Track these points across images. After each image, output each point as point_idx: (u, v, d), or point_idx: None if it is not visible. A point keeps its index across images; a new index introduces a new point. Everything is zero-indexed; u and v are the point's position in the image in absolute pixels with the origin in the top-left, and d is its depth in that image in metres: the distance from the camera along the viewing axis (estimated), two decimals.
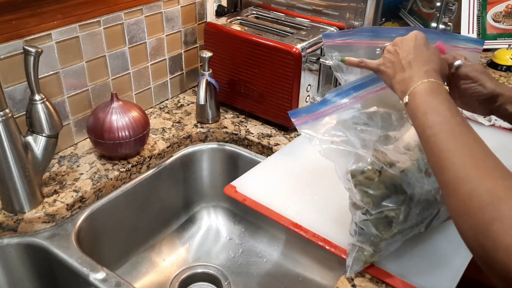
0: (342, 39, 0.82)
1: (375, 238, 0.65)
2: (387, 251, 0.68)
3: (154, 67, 1.09)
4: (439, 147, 0.53)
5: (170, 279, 0.99)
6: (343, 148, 0.66)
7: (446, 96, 0.58)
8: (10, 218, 0.78)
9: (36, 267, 0.82)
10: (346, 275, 0.68)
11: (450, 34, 0.80)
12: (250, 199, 0.81)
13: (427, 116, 0.56)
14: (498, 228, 0.43)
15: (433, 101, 0.57)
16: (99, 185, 0.87)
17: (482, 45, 0.77)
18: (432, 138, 0.54)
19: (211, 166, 1.09)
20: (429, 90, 0.58)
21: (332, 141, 0.66)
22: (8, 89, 0.82)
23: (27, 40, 0.82)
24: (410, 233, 0.68)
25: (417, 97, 0.58)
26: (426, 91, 0.58)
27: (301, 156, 0.93)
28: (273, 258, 1.04)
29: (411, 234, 0.69)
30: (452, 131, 0.53)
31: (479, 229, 0.45)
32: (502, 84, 0.70)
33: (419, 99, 0.58)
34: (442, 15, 1.16)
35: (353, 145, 0.66)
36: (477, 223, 0.45)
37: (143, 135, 0.91)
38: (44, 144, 0.77)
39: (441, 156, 0.52)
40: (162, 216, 1.05)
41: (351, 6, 1.01)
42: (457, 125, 0.54)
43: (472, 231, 0.46)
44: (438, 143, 0.53)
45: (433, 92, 0.58)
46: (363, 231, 0.66)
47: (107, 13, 0.93)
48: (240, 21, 1.09)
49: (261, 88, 1.02)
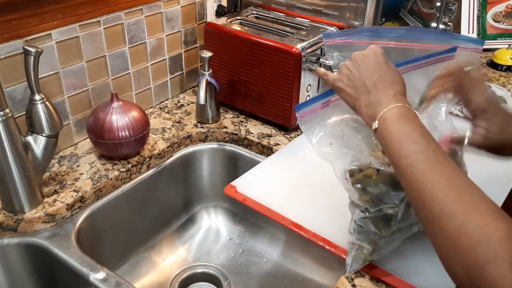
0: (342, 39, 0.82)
1: (374, 236, 0.65)
2: (386, 250, 0.68)
3: (154, 67, 1.09)
4: (418, 179, 0.50)
5: (170, 279, 0.99)
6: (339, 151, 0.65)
7: (418, 122, 0.55)
8: (10, 218, 0.78)
9: (36, 267, 0.82)
10: (345, 274, 0.68)
11: (450, 34, 0.80)
12: (250, 199, 0.81)
13: (402, 144, 0.53)
14: (494, 271, 0.41)
15: (406, 127, 0.54)
16: (99, 185, 0.87)
17: (482, 45, 0.77)
18: (409, 168, 0.51)
19: (211, 166, 1.09)
20: (400, 115, 0.55)
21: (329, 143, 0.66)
22: (8, 89, 0.82)
23: (27, 40, 0.82)
24: (409, 231, 0.68)
25: (388, 123, 0.55)
26: (397, 117, 0.55)
27: (301, 156, 0.93)
28: (273, 258, 1.04)
29: (410, 233, 0.69)
30: (429, 161, 0.50)
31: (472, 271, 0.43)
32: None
33: (391, 125, 0.55)
34: (442, 15, 1.16)
35: (350, 145, 0.66)
36: (470, 264, 0.43)
37: (143, 135, 0.91)
38: (44, 144, 0.77)
39: (421, 189, 0.49)
40: (162, 216, 1.05)
41: (351, 6, 1.01)
42: (433, 153, 0.51)
43: (465, 273, 0.43)
44: (417, 174, 0.50)
45: (404, 118, 0.55)
46: (362, 229, 0.66)
47: (107, 13, 0.93)
48: (240, 21, 1.09)
49: (261, 88, 1.02)
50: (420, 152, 0.51)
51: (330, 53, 0.85)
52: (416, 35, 0.80)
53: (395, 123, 0.55)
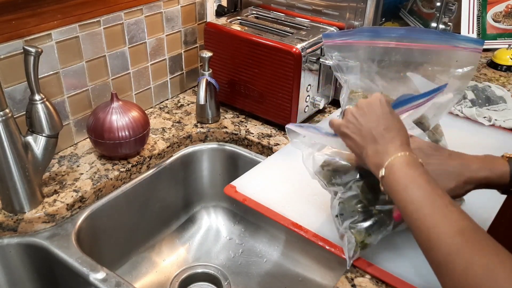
0: (342, 39, 0.82)
1: (354, 215, 0.68)
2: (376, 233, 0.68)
3: (154, 67, 1.09)
4: (424, 223, 0.52)
5: (170, 279, 0.99)
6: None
7: (423, 169, 0.57)
8: (10, 218, 0.78)
9: (36, 267, 0.82)
10: (347, 267, 0.68)
11: (450, 34, 0.80)
12: (250, 199, 0.81)
13: (408, 190, 0.55)
14: None
15: (412, 174, 0.56)
16: (99, 185, 0.87)
17: (482, 45, 0.77)
18: (416, 213, 0.53)
19: (211, 166, 1.09)
20: (406, 163, 0.57)
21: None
22: (8, 89, 0.82)
23: (27, 40, 0.82)
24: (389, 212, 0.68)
25: (395, 170, 0.57)
26: (404, 165, 0.57)
27: (301, 156, 0.93)
28: (273, 258, 1.04)
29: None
30: (436, 205, 0.52)
31: None
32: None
33: (398, 172, 0.57)
34: (442, 15, 1.16)
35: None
36: None
37: (143, 135, 0.91)
38: (44, 144, 0.77)
39: (428, 232, 0.51)
40: (162, 216, 1.05)
41: (351, 6, 1.01)
42: (439, 198, 0.53)
43: None
44: (423, 219, 0.52)
45: (410, 165, 0.57)
46: (343, 216, 0.68)
47: (107, 13, 0.93)
48: (240, 21, 1.09)
49: (261, 88, 1.02)
50: (426, 198, 0.54)
51: (330, 53, 0.85)
52: (416, 35, 0.80)
53: (401, 170, 0.57)
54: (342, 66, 0.85)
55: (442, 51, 0.79)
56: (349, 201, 0.69)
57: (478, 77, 1.31)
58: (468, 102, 1.10)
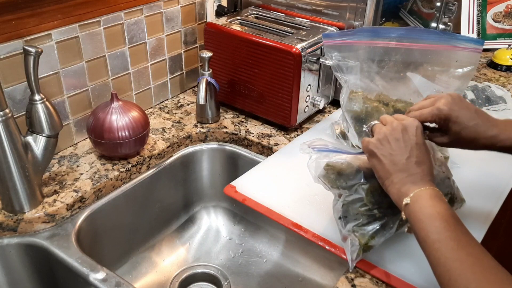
0: (342, 39, 0.82)
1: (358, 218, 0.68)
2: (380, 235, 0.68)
3: (154, 67, 1.09)
4: (446, 255, 0.52)
5: (170, 279, 0.99)
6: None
7: (448, 204, 0.58)
8: (10, 218, 0.78)
9: (36, 267, 0.82)
10: (350, 269, 0.68)
11: (450, 34, 0.80)
12: (250, 199, 0.81)
13: (433, 220, 0.55)
14: None
15: (438, 206, 0.57)
16: (99, 185, 0.87)
17: (482, 45, 0.77)
18: (438, 244, 0.54)
19: (211, 166, 1.09)
20: (434, 195, 0.58)
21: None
22: (8, 89, 0.82)
23: (27, 40, 0.82)
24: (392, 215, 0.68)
25: (422, 200, 0.58)
26: (431, 196, 0.58)
27: (301, 156, 0.93)
28: (273, 258, 1.04)
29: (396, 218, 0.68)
30: (459, 240, 0.53)
31: None
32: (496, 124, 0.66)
33: (424, 202, 0.58)
34: (442, 15, 1.16)
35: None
36: None
37: (143, 135, 0.91)
38: (44, 144, 0.77)
39: (448, 265, 0.52)
40: (162, 216, 1.05)
41: (351, 6, 1.01)
42: (463, 234, 0.54)
43: None
44: (445, 251, 0.53)
45: (437, 198, 0.58)
46: (346, 218, 0.68)
47: (107, 13, 0.93)
48: (240, 21, 1.09)
49: (261, 88, 1.02)
50: (450, 230, 0.54)
51: (330, 53, 0.85)
52: (416, 35, 0.80)
53: (428, 201, 0.58)
54: (342, 66, 0.85)
55: (442, 51, 0.79)
56: (353, 204, 0.69)
57: (478, 77, 1.31)
58: None
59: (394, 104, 0.86)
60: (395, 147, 0.62)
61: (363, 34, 0.81)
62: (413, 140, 0.62)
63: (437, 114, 0.65)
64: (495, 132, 0.64)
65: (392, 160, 0.62)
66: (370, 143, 0.64)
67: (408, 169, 0.61)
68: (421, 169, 0.61)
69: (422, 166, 0.61)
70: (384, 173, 0.63)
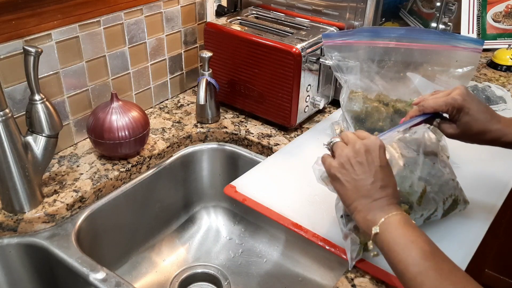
0: (342, 39, 0.83)
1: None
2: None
3: (154, 67, 1.09)
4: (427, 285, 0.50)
5: (170, 279, 0.99)
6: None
7: (419, 229, 0.56)
8: (10, 218, 0.78)
9: (36, 267, 0.82)
10: (349, 269, 0.68)
11: (450, 34, 0.80)
12: (250, 199, 0.81)
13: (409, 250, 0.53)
14: None
15: (411, 234, 0.54)
16: (99, 185, 0.87)
17: (482, 45, 0.77)
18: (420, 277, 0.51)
19: (211, 166, 1.09)
20: (403, 222, 0.56)
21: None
22: (8, 89, 0.82)
23: (27, 40, 0.82)
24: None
25: (393, 228, 0.56)
26: (401, 223, 0.56)
27: (301, 156, 0.93)
28: (273, 258, 1.04)
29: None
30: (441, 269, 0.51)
31: None
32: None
33: (395, 231, 0.55)
34: (442, 15, 1.16)
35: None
36: None
37: (143, 135, 0.91)
38: (44, 144, 0.77)
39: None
40: (162, 216, 1.05)
41: (351, 6, 1.01)
42: (443, 262, 0.52)
43: None
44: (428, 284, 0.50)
45: (407, 225, 0.56)
46: (348, 217, 0.67)
47: (107, 13, 0.93)
48: (240, 21, 1.09)
49: (261, 88, 1.02)
50: (429, 260, 0.52)
51: (330, 53, 0.85)
52: (416, 35, 0.80)
53: (399, 229, 0.56)
54: (342, 66, 0.85)
55: (442, 51, 0.79)
56: None
57: (478, 77, 1.31)
58: None
59: (394, 104, 0.86)
60: (359, 171, 0.59)
61: (363, 34, 0.82)
62: (377, 162, 0.59)
63: (452, 103, 0.65)
64: (500, 126, 0.65)
65: (355, 185, 0.59)
66: (332, 167, 0.61)
67: (373, 195, 0.58)
68: (386, 193, 0.58)
69: (387, 190, 0.59)
70: (348, 199, 0.60)
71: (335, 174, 0.61)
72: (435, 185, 0.70)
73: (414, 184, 0.69)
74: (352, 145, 0.61)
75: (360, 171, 0.59)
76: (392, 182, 0.60)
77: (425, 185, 0.69)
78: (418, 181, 0.69)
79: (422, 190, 0.69)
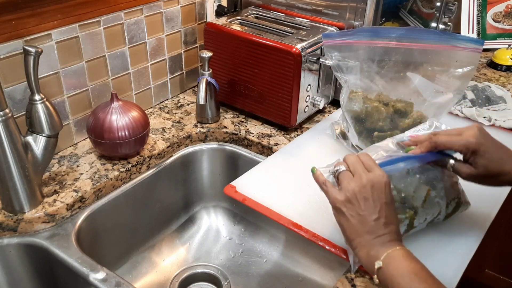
0: (342, 39, 0.83)
1: None
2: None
3: (154, 67, 1.09)
4: None
5: (170, 279, 0.99)
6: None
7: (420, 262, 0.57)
8: (10, 218, 0.78)
9: (36, 267, 0.82)
10: (352, 271, 0.68)
11: (450, 34, 0.80)
12: (250, 199, 0.81)
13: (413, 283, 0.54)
14: None
15: (414, 266, 0.56)
16: (99, 185, 0.87)
17: (482, 45, 0.77)
18: None
19: (211, 166, 1.09)
20: (406, 256, 0.57)
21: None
22: (8, 89, 0.82)
23: (27, 40, 0.82)
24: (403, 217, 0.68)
25: (396, 262, 0.56)
26: (404, 257, 0.57)
27: (301, 156, 0.93)
28: (273, 258, 1.04)
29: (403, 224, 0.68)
30: None
31: None
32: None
33: (399, 264, 0.56)
34: (442, 15, 1.16)
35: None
36: None
37: (143, 135, 0.91)
38: (44, 144, 0.77)
39: None
40: (162, 216, 1.05)
41: (351, 6, 1.01)
42: None
43: None
44: None
45: (410, 258, 0.57)
46: None
47: (107, 13, 0.93)
48: (240, 21, 1.09)
49: (261, 88, 1.02)
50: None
51: (330, 53, 0.85)
52: (416, 35, 0.80)
53: (402, 262, 0.56)
54: (342, 66, 0.85)
55: (442, 51, 0.79)
56: None
57: (478, 77, 1.31)
58: (468, 102, 1.10)
59: (394, 104, 0.86)
60: (364, 207, 0.59)
61: (363, 34, 0.82)
62: (383, 199, 0.59)
63: (466, 145, 0.63)
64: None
65: (360, 220, 0.59)
66: (337, 201, 0.61)
67: (376, 231, 0.59)
68: (389, 229, 0.59)
69: (390, 226, 0.59)
70: (352, 234, 0.61)
71: (341, 208, 0.61)
72: (440, 189, 0.70)
73: (418, 188, 0.68)
74: (359, 179, 0.61)
75: (365, 206, 0.59)
76: (395, 220, 0.61)
77: (429, 188, 0.69)
78: (422, 185, 0.68)
79: (426, 194, 0.68)
